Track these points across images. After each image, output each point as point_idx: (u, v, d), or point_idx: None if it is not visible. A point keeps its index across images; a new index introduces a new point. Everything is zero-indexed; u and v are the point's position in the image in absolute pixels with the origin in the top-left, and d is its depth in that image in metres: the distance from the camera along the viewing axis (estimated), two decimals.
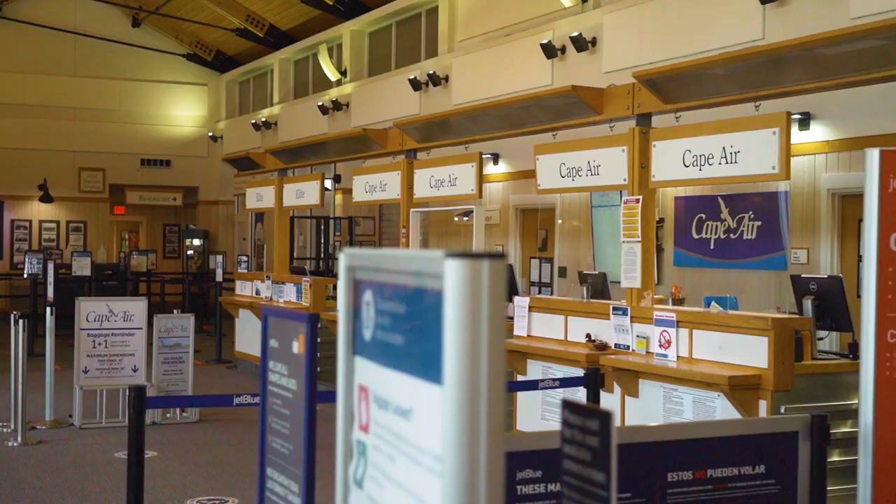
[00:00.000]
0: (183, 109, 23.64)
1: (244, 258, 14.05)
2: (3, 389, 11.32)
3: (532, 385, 5.72)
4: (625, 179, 7.12)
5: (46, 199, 21.84)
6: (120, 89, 22.98)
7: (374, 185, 10.46)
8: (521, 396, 9.36)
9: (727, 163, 6.28)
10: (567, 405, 1.83)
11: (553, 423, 8.96)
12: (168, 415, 9.85)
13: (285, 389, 3.02)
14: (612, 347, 7.03)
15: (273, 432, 3.11)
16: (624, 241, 7.10)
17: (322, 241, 17.97)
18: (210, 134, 23.56)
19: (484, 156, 9.78)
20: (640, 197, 6.94)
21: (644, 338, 6.77)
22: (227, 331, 15.35)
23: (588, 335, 7.21)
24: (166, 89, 23.44)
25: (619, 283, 8.74)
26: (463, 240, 14.29)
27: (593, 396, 5.11)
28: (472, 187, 8.85)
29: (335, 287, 12.07)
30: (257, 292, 13.11)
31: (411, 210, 9.81)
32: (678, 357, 6.49)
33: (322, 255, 17.60)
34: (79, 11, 22.46)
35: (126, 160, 23.08)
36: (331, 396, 7.66)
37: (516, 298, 8.00)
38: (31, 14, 22.00)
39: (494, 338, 1.43)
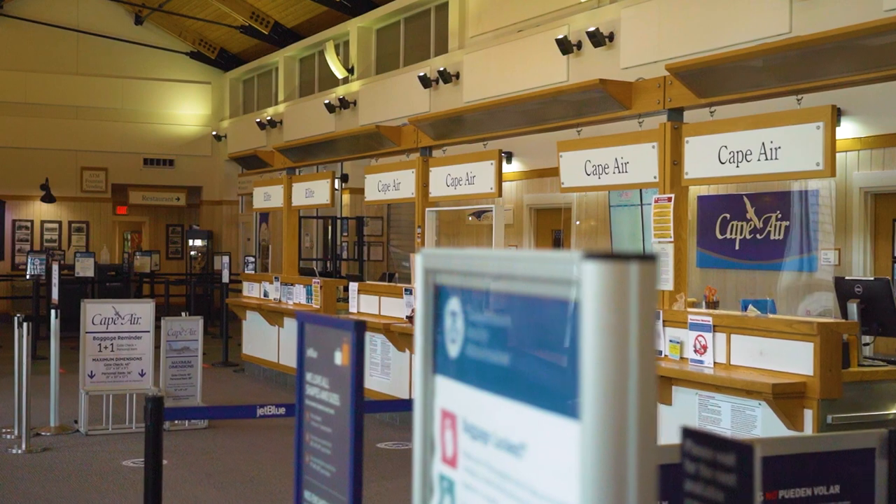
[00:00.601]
0: (186, 108, 23.35)
1: (251, 259, 13.76)
2: (6, 394, 11.03)
3: None
4: (655, 177, 6.83)
5: (48, 199, 21.55)
6: (123, 88, 22.69)
7: (388, 183, 10.17)
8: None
9: (767, 159, 5.99)
10: (691, 434, 1.55)
11: None
12: (176, 420, 9.55)
13: (326, 405, 2.72)
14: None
15: (312, 452, 2.82)
16: (655, 242, 6.80)
17: (329, 241, 17.66)
18: (214, 133, 23.28)
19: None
20: (673, 195, 6.65)
21: (677, 343, 6.47)
22: (232, 333, 15.05)
23: None
24: (169, 88, 23.15)
25: None
26: (476, 240, 14.00)
27: None
28: (492, 186, 8.56)
29: (346, 289, 11.78)
30: (265, 294, 12.82)
31: (427, 209, 9.51)
32: (715, 363, 6.20)
33: (330, 256, 17.30)
34: (81, 9, 22.18)
35: (129, 159, 22.79)
36: (376, 408, 7.30)
37: None
38: (33, 11, 21.72)
39: (646, 360, 1.14)
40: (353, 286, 10.57)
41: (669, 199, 6.67)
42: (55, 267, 9.51)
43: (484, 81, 13.64)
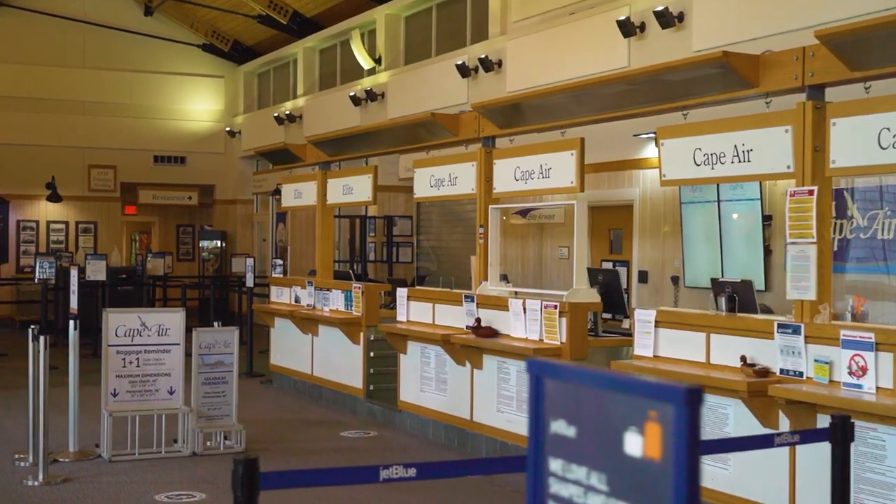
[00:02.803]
0: (198, 103, 22.32)
1: (279, 262, 12.71)
2: (17, 412, 9.99)
3: (767, 440, 4.34)
4: (789, 166, 5.80)
5: (54, 198, 20.50)
6: (132, 82, 21.64)
7: (442, 178, 9.13)
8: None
9: None
10: None
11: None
12: (209, 443, 8.52)
13: None
14: (777, 374, 5.71)
15: None
16: (791, 243, 5.77)
17: (358, 243, 16.61)
18: (227, 129, 22.24)
19: None
20: (815, 188, 5.61)
21: (825, 363, 5.44)
22: (253, 340, 14.02)
23: (743, 358, 5.88)
24: (181, 82, 22.11)
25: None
26: (521, 241, 12.97)
27: (841, 455, 3.78)
28: (572, 179, 7.53)
29: (390, 293, 10.75)
30: (296, 299, 11.78)
31: (490, 206, 8.48)
32: (878, 388, 5.17)
33: (359, 258, 16.24)
34: None
35: (138, 157, 21.76)
36: (497, 467, 6.27)
37: (638, 312, 6.67)
38: (38, 2, 20.65)
39: None
40: (402, 292, 9.53)
41: (811, 193, 5.64)
42: (73, 272, 8.45)
43: (530, 69, 12.60)
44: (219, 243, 22.64)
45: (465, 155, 8.87)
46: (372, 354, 10.31)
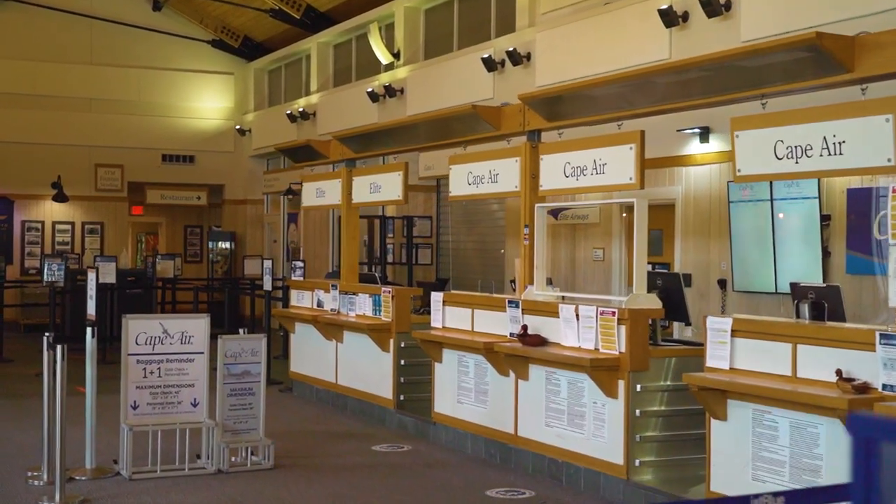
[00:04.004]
0: (207, 100, 21.75)
1: (300, 264, 12.14)
2: (28, 424, 9.43)
3: None
4: (890, 160, 5.24)
5: (60, 198, 19.95)
6: (139, 79, 21.08)
7: (482, 175, 8.56)
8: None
9: None
10: None
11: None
12: (234, 459, 7.96)
13: None
14: (879, 390, 5.15)
15: None
16: (893, 244, 5.20)
17: (376, 243, 16.03)
18: (237, 127, 21.68)
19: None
20: None
21: None
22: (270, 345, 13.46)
23: (839, 372, 5.31)
24: (189, 79, 21.54)
25: (768, 292, 6.81)
26: (553, 243, 12.38)
27: None
28: (631, 175, 6.96)
29: (422, 297, 10.20)
30: (319, 304, 11.21)
31: (536, 205, 7.91)
32: None
33: (379, 260, 15.67)
34: None
35: (146, 156, 21.20)
36: None
37: (711, 320, 6.10)
38: None
39: None
40: (437, 297, 8.97)
41: None
42: (91, 276, 7.88)
43: (562, 62, 12.04)
44: (228, 244, 22.08)
45: (508, 150, 8.31)
46: (402, 363, 9.75)
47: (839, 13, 8.64)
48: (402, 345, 9.73)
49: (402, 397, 9.74)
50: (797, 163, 5.73)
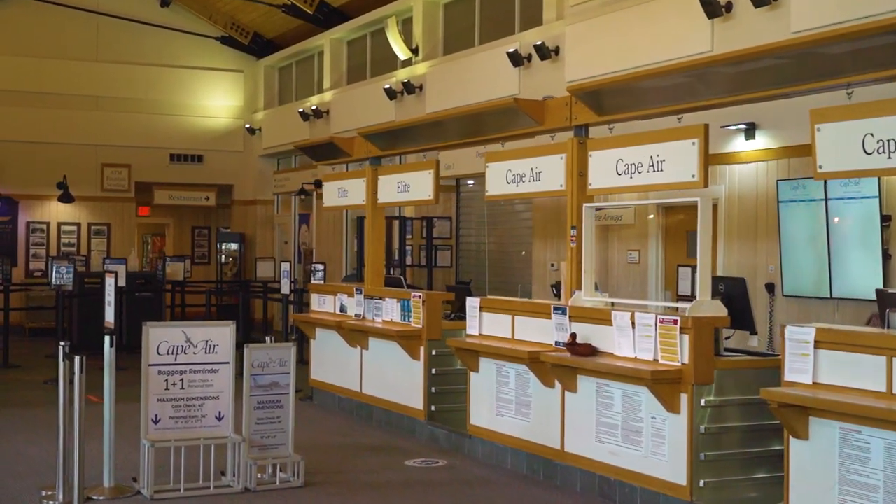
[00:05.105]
0: (216, 99, 21.24)
1: (320, 266, 11.63)
2: (40, 436, 8.92)
3: None
4: None
5: (66, 198, 19.43)
6: (146, 76, 20.57)
7: (522, 173, 8.05)
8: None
9: None
10: None
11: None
12: (261, 475, 7.44)
13: None
14: None
15: None
16: None
17: (394, 245, 15.51)
18: (247, 126, 21.17)
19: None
20: None
21: None
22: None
23: None
24: (198, 76, 21.03)
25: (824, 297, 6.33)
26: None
27: None
28: (694, 172, 6.46)
29: (454, 302, 9.70)
30: (342, 308, 10.70)
31: (585, 205, 7.40)
32: None
33: (396, 262, 15.15)
34: None
35: (154, 155, 20.70)
36: None
37: (791, 330, 5.60)
38: None
39: None
40: (474, 302, 8.45)
41: None
42: (109, 280, 7.37)
43: (594, 56, 11.54)
44: (237, 246, 21.57)
45: (552, 146, 7.80)
46: (433, 371, 9.23)
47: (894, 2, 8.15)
48: (433, 352, 9.22)
49: (433, 408, 9.23)
50: (890, 157, 5.23)
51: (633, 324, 6.70)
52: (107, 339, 7.12)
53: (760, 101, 6.62)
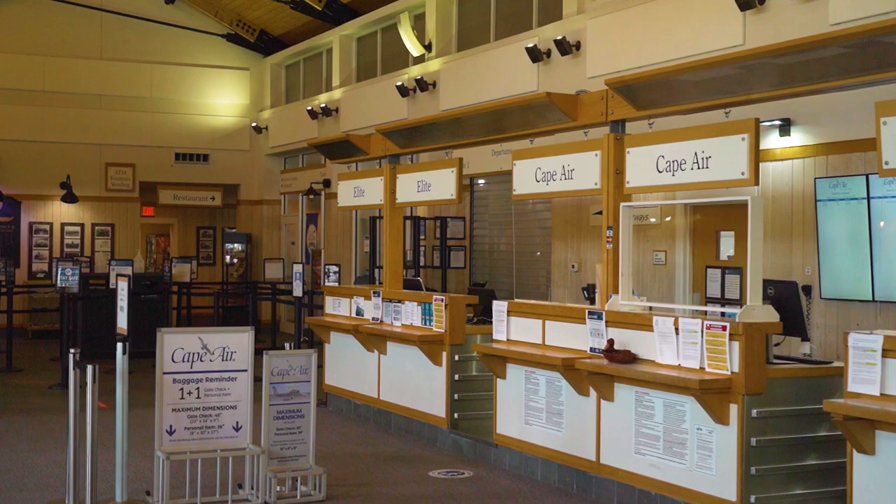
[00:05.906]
0: (222, 97, 20.87)
1: (334, 268, 11.25)
2: (47, 446, 8.55)
3: None
4: None
5: (70, 198, 19.06)
6: (151, 74, 20.21)
7: (553, 171, 7.68)
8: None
9: None
10: None
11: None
12: (280, 488, 7.07)
13: None
14: None
15: None
16: None
17: (406, 245, 15.12)
18: (253, 124, 20.80)
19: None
20: None
21: None
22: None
23: None
24: (203, 74, 20.66)
25: (861, 300, 6.10)
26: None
27: None
28: (744, 170, 6.09)
29: (476, 306, 9.33)
30: (358, 312, 10.33)
31: (621, 204, 7.03)
32: None
33: (409, 263, 14.77)
34: None
35: (158, 154, 20.34)
36: None
37: (854, 337, 5.22)
38: None
39: None
40: (501, 305, 8.08)
41: None
42: (122, 284, 7.00)
43: (617, 50, 11.18)
44: (242, 247, 21.20)
45: (586, 143, 7.43)
46: (456, 377, 8.86)
47: None
48: (456, 358, 8.85)
49: (455, 416, 8.86)
50: None
51: (676, 329, 6.33)
52: (119, 346, 6.73)
53: (817, 94, 6.24)
